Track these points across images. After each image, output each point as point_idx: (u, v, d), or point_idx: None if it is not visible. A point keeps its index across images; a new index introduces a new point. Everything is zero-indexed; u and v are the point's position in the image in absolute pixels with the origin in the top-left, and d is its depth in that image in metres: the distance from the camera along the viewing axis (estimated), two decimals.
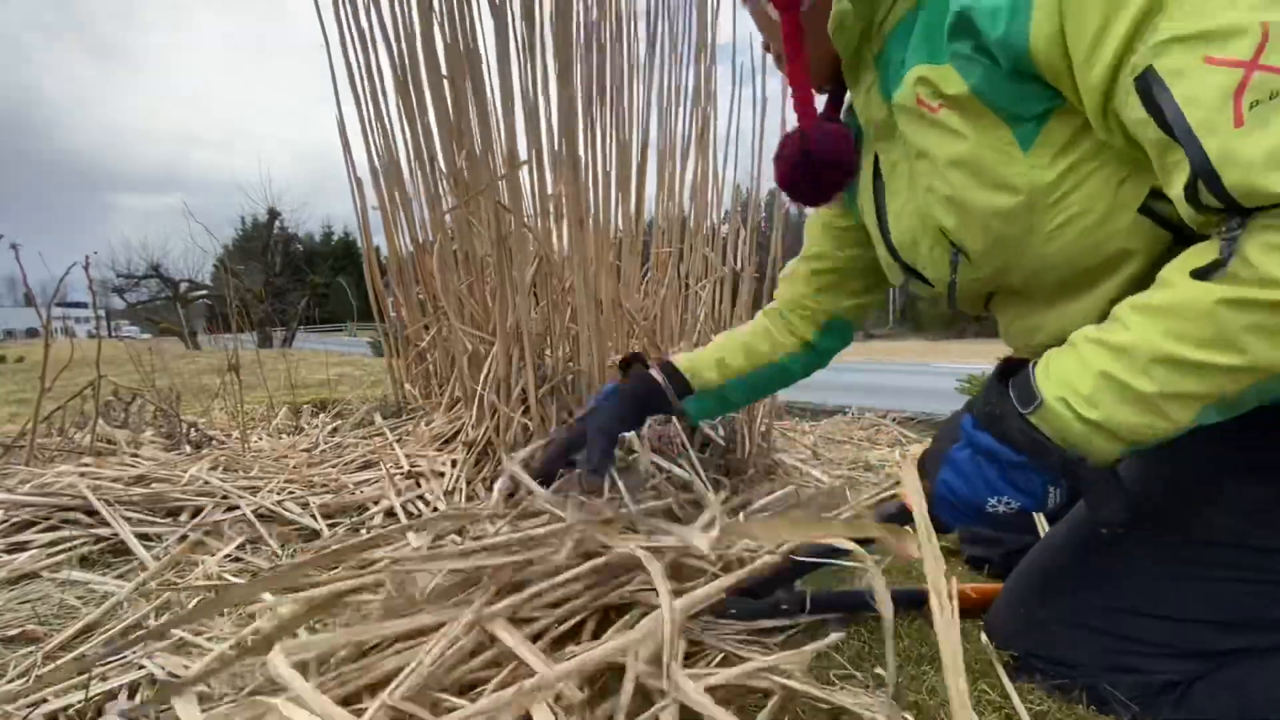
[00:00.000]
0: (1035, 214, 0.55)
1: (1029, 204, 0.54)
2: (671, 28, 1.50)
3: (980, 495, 0.55)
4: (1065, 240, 0.55)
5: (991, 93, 0.53)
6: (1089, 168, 0.52)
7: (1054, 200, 0.54)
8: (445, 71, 1.24)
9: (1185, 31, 0.43)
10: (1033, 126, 0.53)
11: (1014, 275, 0.60)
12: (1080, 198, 0.53)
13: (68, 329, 4.67)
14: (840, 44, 0.65)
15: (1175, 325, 0.46)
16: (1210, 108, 0.42)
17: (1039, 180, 0.53)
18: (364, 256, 1.83)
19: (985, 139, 0.55)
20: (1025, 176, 0.54)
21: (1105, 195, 0.52)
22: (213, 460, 1.31)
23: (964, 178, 0.57)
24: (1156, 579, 0.60)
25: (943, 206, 0.60)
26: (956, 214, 0.59)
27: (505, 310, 1.18)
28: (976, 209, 0.57)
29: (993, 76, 0.53)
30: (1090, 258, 0.55)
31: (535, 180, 1.23)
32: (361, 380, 3.37)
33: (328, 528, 1.02)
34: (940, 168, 0.59)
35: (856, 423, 2.29)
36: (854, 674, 0.64)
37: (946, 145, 0.57)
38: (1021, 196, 0.54)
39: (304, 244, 25.92)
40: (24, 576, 0.86)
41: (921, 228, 0.65)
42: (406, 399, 1.82)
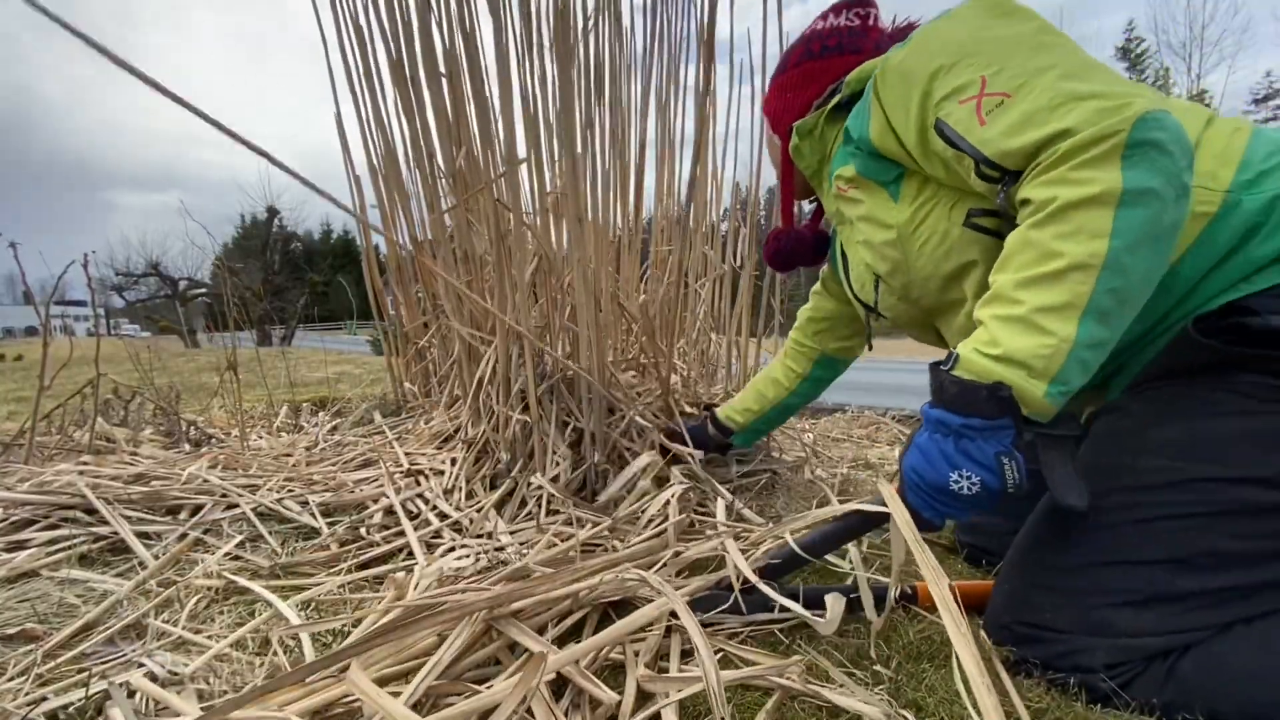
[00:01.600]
0: (905, 242, 0.79)
1: (900, 235, 0.79)
2: (670, 25, 1.50)
3: (942, 473, 0.62)
4: (925, 256, 0.78)
5: (866, 170, 0.81)
6: (929, 207, 0.76)
7: (912, 230, 0.78)
8: (443, 70, 1.24)
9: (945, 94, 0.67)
10: (895, 187, 0.79)
11: (914, 289, 0.82)
12: (928, 226, 0.76)
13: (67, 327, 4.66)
14: (801, 165, 0.95)
15: (1015, 262, 0.60)
16: (968, 123, 0.65)
17: (901, 219, 0.78)
18: (363, 255, 1.83)
19: (873, 199, 0.82)
20: (895, 218, 0.79)
21: (942, 220, 0.75)
22: (212, 459, 1.31)
23: (868, 226, 0.83)
24: (1108, 529, 0.64)
25: (864, 249, 0.86)
26: (869, 250, 0.85)
27: (504, 308, 1.18)
28: (876, 244, 0.83)
29: (864, 159, 0.80)
30: (946, 265, 0.76)
31: (534, 178, 1.23)
32: (361, 379, 3.37)
33: (327, 526, 1.02)
34: (857, 224, 0.85)
35: (856, 421, 2.29)
36: (854, 672, 0.64)
37: (856, 209, 0.84)
38: (893, 232, 0.79)
39: (303, 242, 25.88)
40: (23, 575, 0.86)
41: (861, 270, 0.90)
42: (406, 397, 1.82)
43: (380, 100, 1.53)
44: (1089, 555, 0.64)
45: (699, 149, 1.38)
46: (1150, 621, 0.60)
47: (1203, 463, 0.61)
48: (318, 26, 1.58)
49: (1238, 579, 0.59)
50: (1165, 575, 0.60)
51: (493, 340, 1.24)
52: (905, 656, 0.67)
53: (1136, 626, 0.60)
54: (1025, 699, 0.60)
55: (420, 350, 1.74)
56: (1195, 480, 0.61)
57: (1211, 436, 0.61)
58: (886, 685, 0.62)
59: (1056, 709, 0.59)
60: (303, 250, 24.74)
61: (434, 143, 1.38)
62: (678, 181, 1.56)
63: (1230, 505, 0.59)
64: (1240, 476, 0.59)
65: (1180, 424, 0.64)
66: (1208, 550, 0.59)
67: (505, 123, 1.19)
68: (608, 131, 1.34)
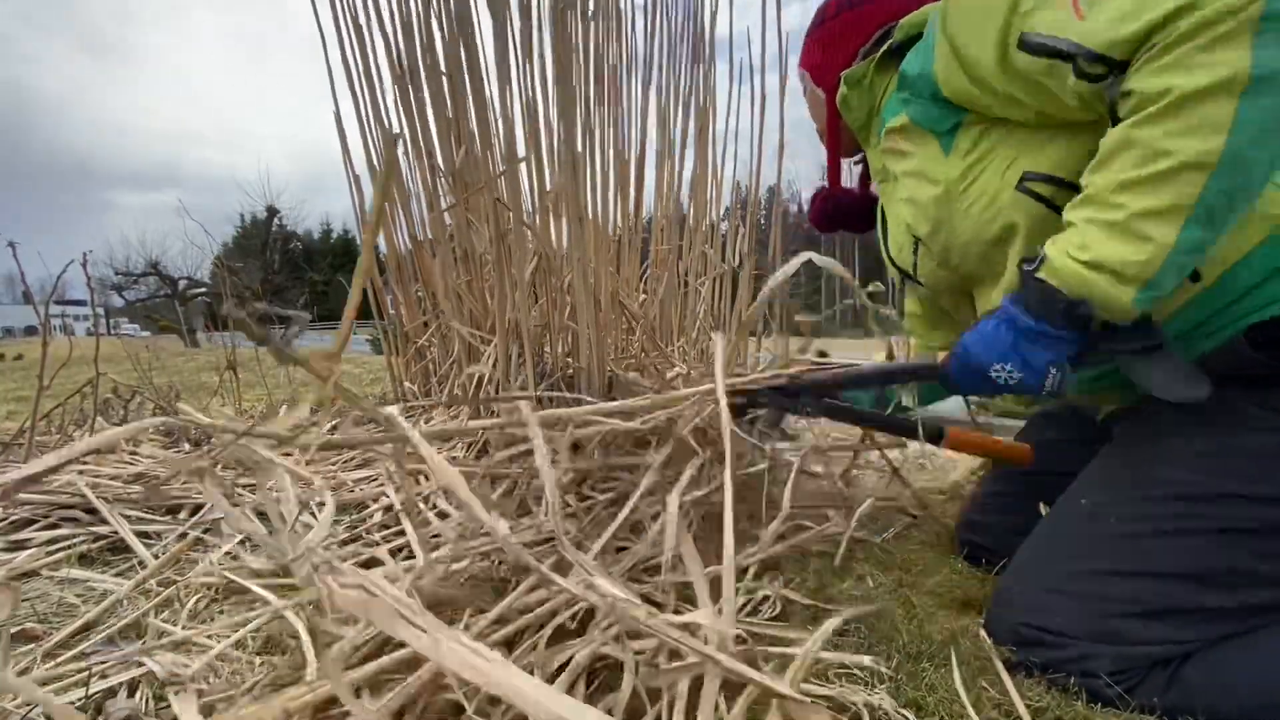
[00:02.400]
0: (952, 200, 0.74)
1: (948, 192, 0.74)
2: (670, 24, 1.50)
3: (990, 356, 0.63)
4: (971, 219, 0.73)
5: (921, 117, 0.75)
6: (983, 164, 0.71)
7: (962, 189, 0.72)
8: (444, 69, 1.24)
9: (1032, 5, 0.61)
10: (949, 138, 0.73)
11: (954, 254, 0.77)
12: (979, 185, 0.71)
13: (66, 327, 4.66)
14: (849, 117, 0.88)
15: (1117, 163, 0.56)
16: (1063, 22, 0.59)
17: (951, 174, 0.73)
18: (363, 254, 1.82)
19: (924, 152, 0.76)
20: (945, 173, 0.73)
21: (994, 180, 0.70)
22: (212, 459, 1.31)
23: (913, 182, 0.78)
24: (1125, 539, 0.63)
25: (905, 208, 0.80)
26: (912, 209, 0.79)
27: (504, 307, 1.17)
28: (920, 201, 0.77)
29: (921, 105, 0.75)
30: (990, 229, 0.72)
31: (534, 178, 1.23)
32: (361, 378, 3.37)
33: None
34: (902, 180, 0.80)
35: None
36: (853, 671, 0.64)
37: (903, 163, 0.79)
38: (941, 188, 0.74)
39: (303, 242, 25.88)
40: (23, 575, 0.86)
41: (900, 232, 0.84)
42: (406, 396, 1.82)
43: (380, 99, 1.53)
44: (1106, 563, 0.63)
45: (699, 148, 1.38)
46: (1159, 631, 0.59)
47: (1230, 479, 0.60)
48: (317, 26, 1.57)
49: (1258, 597, 0.58)
50: (1182, 589, 0.59)
51: (492, 339, 1.24)
52: (905, 656, 0.67)
53: (1146, 636, 0.60)
54: (1025, 698, 0.60)
55: (420, 350, 1.74)
56: (1222, 496, 0.59)
57: (1242, 453, 0.60)
58: (887, 685, 0.62)
59: (1057, 708, 0.59)
60: (302, 250, 24.73)
61: (434, 142, 1.38)
62: (678, 181, 1.55)
63: (1254, 524, 0.58)
64: (1268, 495, 0.58)
65: (1210, 437, 0.62)
66: (1228, 568, 0.59)
67: (505, 122, 1.19)
68: (608, 131, 1.34)
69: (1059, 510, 0.71)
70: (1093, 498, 0.68)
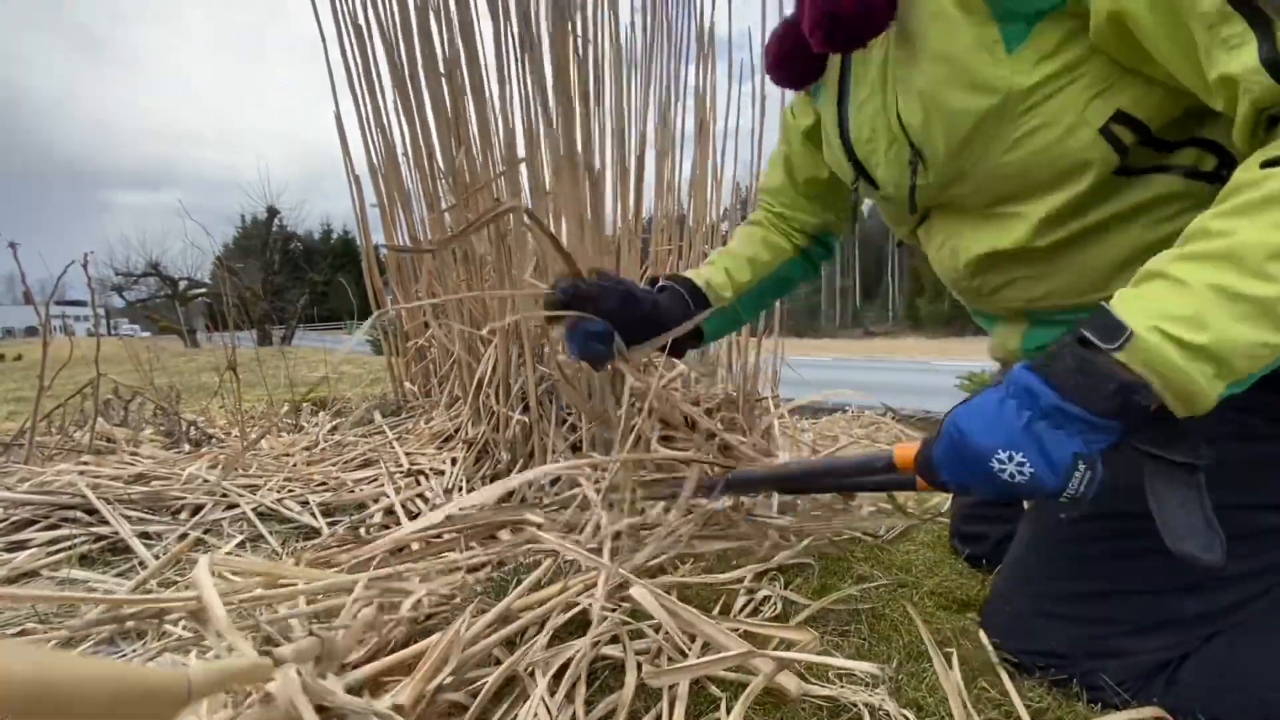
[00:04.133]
0: (1004, 120, 0.54)
1: (1001, 108, 0.54)
2: (670, 24, 1.50)
3: (993, 441, 0.47)
4: (1026, 150, 0.54)
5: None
6: (1065, 79, 0.52)
7: (1025, 108, 0.53)
8: (443, 69, 1.24)
9: None
10: (1022, 27, 0.52)
11: (965, 184, 0.60)
12: (1050, 109, 0.52)
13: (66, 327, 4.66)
14: None
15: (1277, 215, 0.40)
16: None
17: (1017, 85, 0.52)
18: (363, 254, 1.83)
19: (972, 35, 0.53)
20: (1005, 79, 0.53)
21: (1073, 109, 0.52)
22: (212, 459, 1.31)
23: (944, 73, 0.55)
24: (1115, 557, 0.61)
25: (913, 102, 0.58)
26: (924, 111, 0.58)
27: (504, 308, 1.18)
28: (948, 109, 0.56)
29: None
30: (1043, 171, 0.55)
31: (534, 178, 1.23)
32: (361, 378, 3.37)
33: (327, 526, 1.02)
34: (921, 58, 0.56)
35: (856, 420, 2.29)
36: (854, 672, 0.64)
37: (936, 35, 0.55)
38: (996, 99, 0.53)
39: (303, 242, 25.89)
40: (24, 575, 0.86)
41: (883, 125, 0.63)
42: (406, 397, 1.82)
43: (380, 99, 1.53)
44: (1097, 583, 0.61)
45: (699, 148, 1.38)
46: (1156, 642, 0.59)
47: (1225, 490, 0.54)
48: (317, 26, 1.57)
49: (1226, 598, 0.58)
50: (1175, 601, 0.59)
51: (492, 340, 1.24)
52: (905, 656, 0.67)
53: (1145, 647, 0.59)
54: (1025, 699, 0.60)
55: (420, 350, 1.74)
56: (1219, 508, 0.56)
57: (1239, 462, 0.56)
58: (886, 685, 0.62)
59: (1057, 709, 0.59)
60: (302, 250, 24.74)
61: (434, 142, 1.38)
62: (678, 181, 1.55)
63: (1243, 530, 0.55)
64: (1260, 504, 0.57)
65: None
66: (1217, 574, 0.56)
67: (504, 122, 1.19)
68: (608, 131, 1.34)
69: (1038, 525, 0.67)
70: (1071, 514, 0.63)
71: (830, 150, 0.75)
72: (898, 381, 5.34)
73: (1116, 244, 0.56)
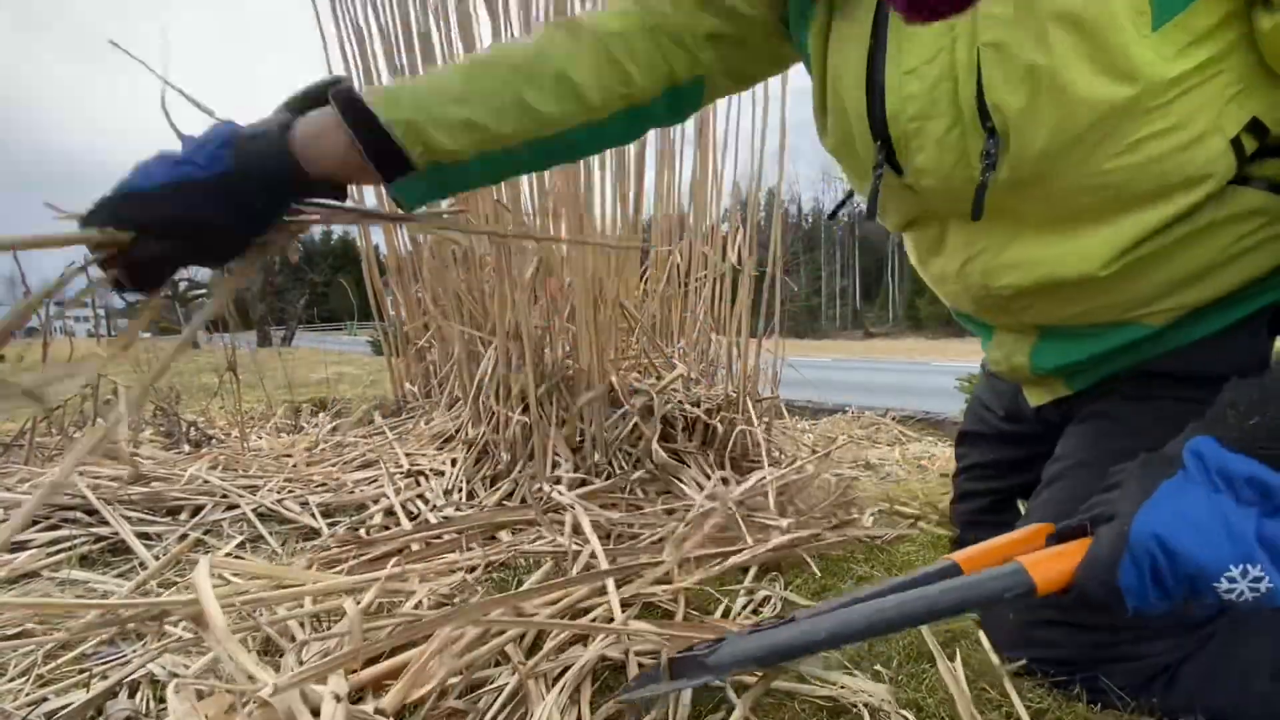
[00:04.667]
0: (1130, 118, 0.42)
1: (1134, 102, 0.41)
2: None
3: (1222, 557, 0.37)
4: (1141, 156, 0.43)
5: None
6: (1208, 73, 0.42)
7: (1157, 104, 0.42)
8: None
9: None
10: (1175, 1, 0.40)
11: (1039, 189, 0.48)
12: (1183, 108, 0.42)
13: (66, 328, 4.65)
14: None
15: None
16: None
17: (1159, 75, 0.41)
18: (363, 255, 1.83)
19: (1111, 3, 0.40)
20: (1149, 65, 0.41)
21: (1208, 111, 0.42)
22: (212, 459, 1.31)
23: (1072, 44, 0.41)
24: None
25: (1016, 79, 0.44)
26: (1033, 94, 0.43)
27: (504, 309, 1.18)
28: (1070, 94, 0.42)
29: None
30: (1150, 183, 0.44)
31: (534, 178, 1.23)
32: (361, 379, 3.37)
33: (327, 526, 1.02)
34: (1041, 17, 0.42)
35: (856, 421, 2.29)
36: (853, 672, 0.64)
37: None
38: (1134, 90, 0.41)
39: (303, 243, 25.88)
40: (24, 575, 0.86)
41: (948, 100, 0.48)
42: (406, 398, 1.82)
43: None
44: None
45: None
46: (1161, 645, 0.59)
47: None
48: (317, 26, 1.58)
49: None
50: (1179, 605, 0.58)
51: (492, 340, 1.24)
52: (905, 657, 0.67)
53: (1151, 651, 0.59)
54: (1026, 699, 0.60)
55: (420, 351, 1.74)
56: None
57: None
58: (887, 685, 0.62)
59: (1057, 709, 0.59)
60: (303, 251, 24.72)
61: None
62: (678, 181, 1.55)
63: None
64: None
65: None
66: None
67: None
68: None
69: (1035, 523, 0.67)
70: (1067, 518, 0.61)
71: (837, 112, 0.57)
72: (897, 382, 5.34)
73: (1181, 264, 0.49)
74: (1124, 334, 0.56)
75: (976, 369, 2.86)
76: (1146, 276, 0.50)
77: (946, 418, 2.21)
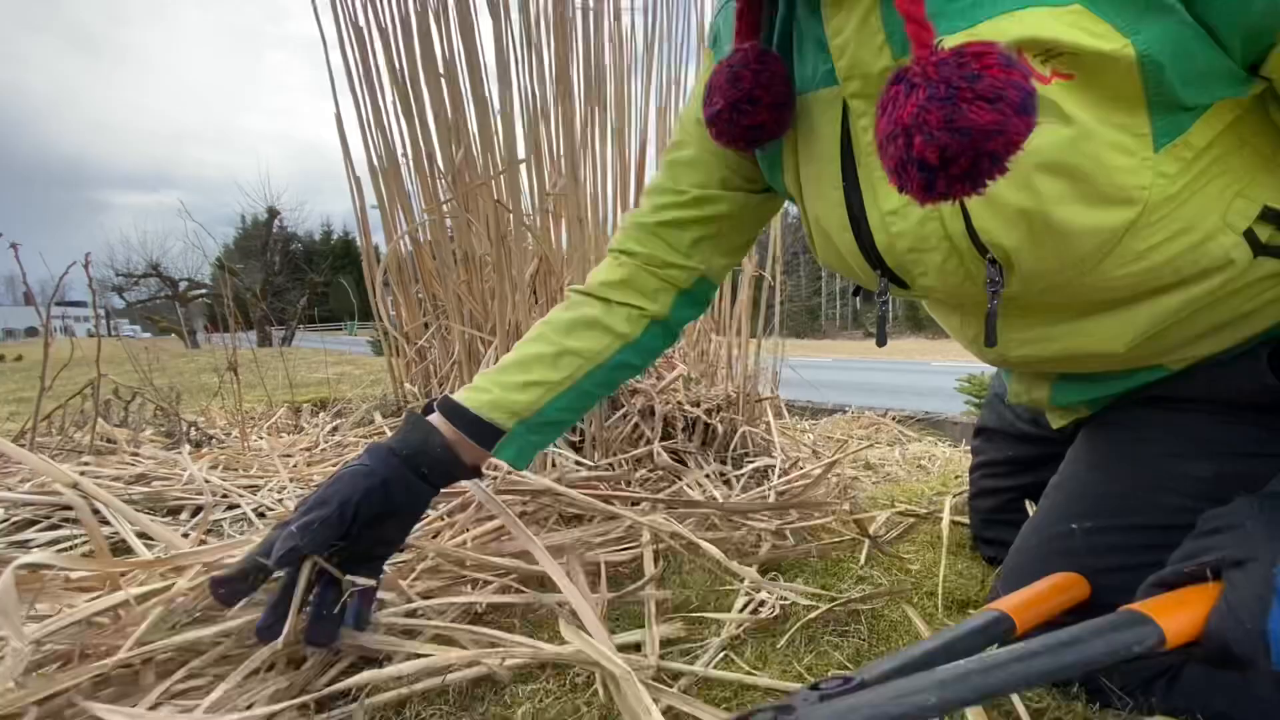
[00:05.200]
0: (1133, 233, 0.41)
1: (1135, 221, 0.40)
2: (670, 22, 1.50)
3: None
4: (1149, 264, 0.42)
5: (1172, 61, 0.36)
6: (1209, 176, 0.41)
7: (1160, 217, 0.40)
8: (442, 70, 1.24)
9: None
10: (1185, 118, 0.38)
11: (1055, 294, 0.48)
12: (1187, 213, 0.40)
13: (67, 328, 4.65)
14: None
15: None
16: None
17: (1160, 194, 0.39)
18: (363, 255, 1.83)
19: (1111, 133, 0.38)
20: (1148, 186, 0.39)
21: (1214, 211, 0.41)
22: (212, 459, 1.31)
23: (1059, 187, 0.40)
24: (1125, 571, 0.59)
25: (1005, 221, 0.42)
26: (1027, 234, 0.42)
27: (504, 309, 1.18)
28: (1065, 229, 0.41)
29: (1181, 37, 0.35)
30: (1166, 278, 0.43)
31: (534, 178, 1.23)
32: (361, 379, 3.37)
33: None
34: (1025, 169, 0.39)
35: (856, 421, 2.29)
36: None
37: (1050, 142, 0.39)
38: (1133, 213, 0.40)
39: (303, 243, 25.90)
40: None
41: (939, 236, 0.47)
42: (406, 398, 1.82)
43: (380, 100, 1.53)
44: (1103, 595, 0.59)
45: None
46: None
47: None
48: (317, 26, 1.58)
49: None
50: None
51: (492, 340, 1.25)
52: None
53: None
54: (1026, 699, 0.60)
55: (420, 350, 1.74)
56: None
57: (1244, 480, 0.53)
58: None
59: (1057, 709, 0.59)
60: (303, 250, 24.75)
61: (434, 143, 1.38)
62: None
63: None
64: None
65: (1211, 462, 0.55)
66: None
67: (505, 123, 1.19)
68: (609, 131, 1.34)
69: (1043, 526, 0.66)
70: (1081, 522, 0.61)
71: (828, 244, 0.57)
72: (897, 382, 5.34)
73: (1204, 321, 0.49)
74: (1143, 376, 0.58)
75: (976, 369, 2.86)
76: (1168, 339, 0.51)
77: (946, 418, 2.21)
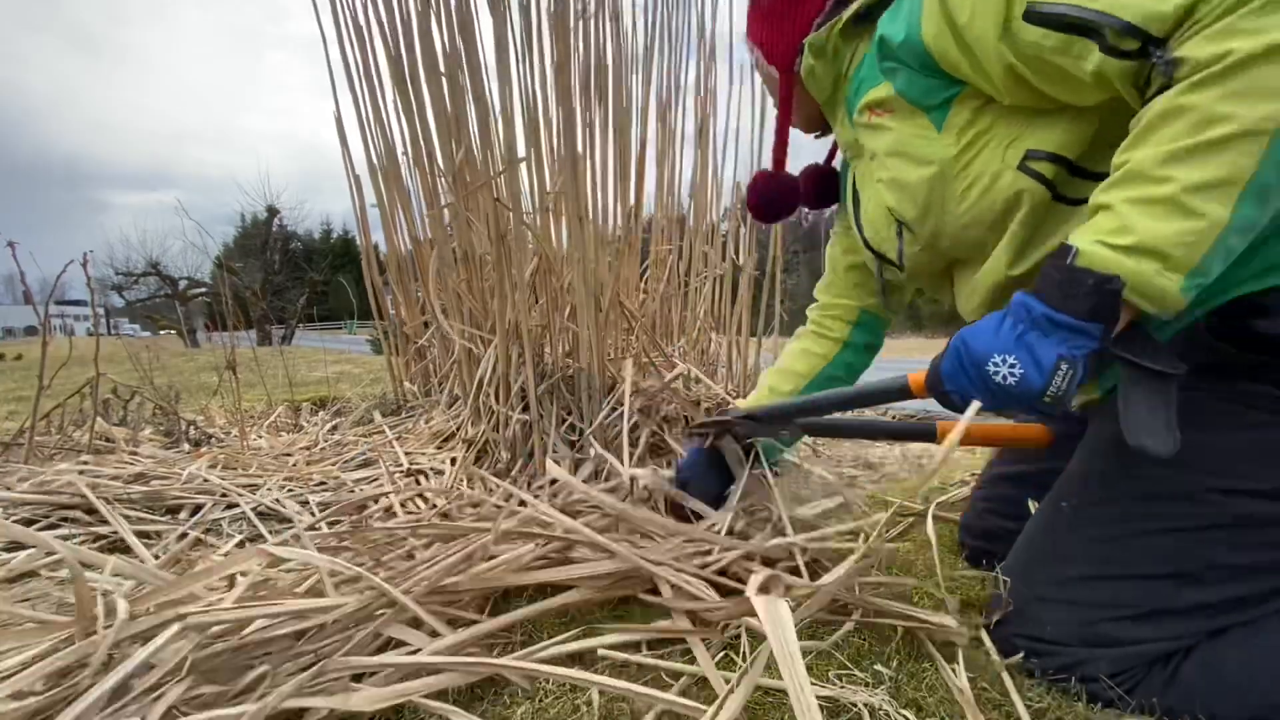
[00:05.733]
0: (947, 182, 0.68)
1: (941, 174, 0.67)
2: (670, 23, 1.50)
3: (990, 349, 0.56)
4: (969, 201, 0.67)
5: (909, 89, 0.68)
6: (982, 141, 0.65)
7: (958, 170, 0.66)
8: (443, 69, 1.24)
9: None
10: (941, 113, 0.67)
11: (944, 239, 0.72)
12: (978, 165, 0.65)
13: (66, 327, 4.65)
14: (814, 90, 0.82)
15: (1164, 133, 0.50)
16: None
17: (946, 153, 0.67)
18: (362, 254, 1.83)
19: (910, 128, 0.69)
20: (938, 152, 0.67)
21: (994, 159, 0.64)
22: (212, 458, 1.31)
23: (898, 162, 0.71)
24: (1109, 542, 0.63)
25: (887, 189, 0.74)
26: (896, 191, 0.73)
27: (504, 308, 1.17)
28: (908, 183, 0.71)
29: (909, 76, 0.68)
30: (991, 212, 0.66)
31: (534, 178, 1.23)
32: (361, 378, 3.37)
33: (327, 526, 1.02)
34: (883, 158, 0.73)
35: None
36: (854, 672, 0.64)
37: (882, 140, 0.73)
38: (934, 168, 0.67)
39: (303, 242, 25.87)
40: (23, 575, 0.86)
41: (879, 215, 0.78)
42: (406, 397, 1.82)
43: (380, 99, 1.53)
44: (1089, 567, 0.63)
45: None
46: (1148, 631, 0.60)
47: (1208, 474, 0.59)
48: (318, 25, 1.58)
49: (1236, 590, 0.58)
50: (1167, 589, 0.59)
51: (492, 340, 1.24)
52: (905, 656, 0.67)
53: (1137, 636, 0.60)
54: (1026, 699, 0.60)
55: (420, 350, 1.74)
56: (1200, 492, 0.59)
57: (1218, 448, 0.59)
58: (887, 685, 0.62)
59: (1057, 709, 0.59)
60: (302, 250, 24.72)
61: (434, 142, 1.38)
62: (678, 181, 1.56)
63: (1233, 518, 0.58)
64: (1247, 489, 0.58)
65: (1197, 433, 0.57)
66: (1209, 563, 0.58)
67: (505, 122, 1.19)
68: (609, 131, 1.34)
69: (1042, 513, 0.70)
70: (1071, 501, 0.67)
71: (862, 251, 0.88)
72: None
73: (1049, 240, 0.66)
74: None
75: None
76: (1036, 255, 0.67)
77: (946, 417, 2.21)
